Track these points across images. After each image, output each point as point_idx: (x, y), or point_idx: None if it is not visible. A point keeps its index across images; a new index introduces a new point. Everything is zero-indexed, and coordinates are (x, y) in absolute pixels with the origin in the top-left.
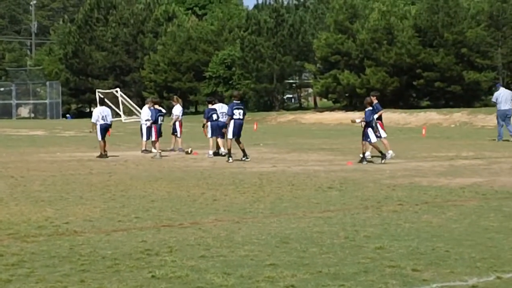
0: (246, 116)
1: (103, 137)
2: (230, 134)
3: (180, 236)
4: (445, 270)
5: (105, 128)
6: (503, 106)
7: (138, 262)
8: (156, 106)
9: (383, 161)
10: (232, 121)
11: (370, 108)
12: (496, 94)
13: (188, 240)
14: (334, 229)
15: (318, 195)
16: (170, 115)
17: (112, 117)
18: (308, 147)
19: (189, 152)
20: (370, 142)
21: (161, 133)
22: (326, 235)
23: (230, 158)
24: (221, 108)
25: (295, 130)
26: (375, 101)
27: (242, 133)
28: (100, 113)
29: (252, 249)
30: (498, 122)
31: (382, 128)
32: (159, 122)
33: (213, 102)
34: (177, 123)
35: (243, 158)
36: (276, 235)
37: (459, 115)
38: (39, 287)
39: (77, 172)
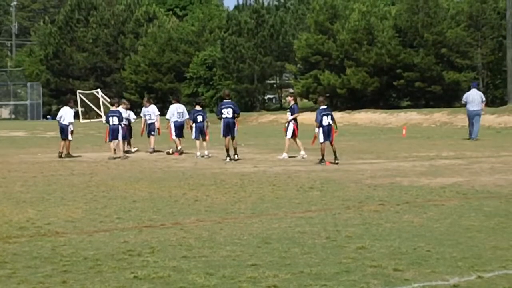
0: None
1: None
2: (221, 133)
3: (162, 237)
4: (427, 270)
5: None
6: (471, 106)
7: (120, 262)
8: (114, 107)
9: (281, 157)
10: (221, 121)
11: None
12: (466, 94)
13: (170, 240)
14: (315, 229)
15: (299, 195)
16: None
17: (94, 118)
18: (289, 147)
19: (170, 152)
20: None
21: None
22: (308, 235)
23: (228, 158)
24: (178, 108)
25: (276, 130)
26: (292, 102)
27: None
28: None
29: (234, 250)
30: (468, 122)
31: (296, 129)
32: (112, 123)
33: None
34: (156, 124)
35: (235, 157)
36: (258, 235)
37: (439, 115)
38: None
39: (58, 173)
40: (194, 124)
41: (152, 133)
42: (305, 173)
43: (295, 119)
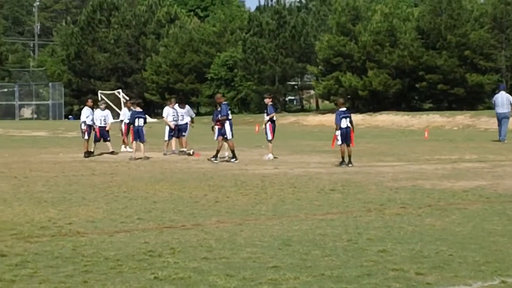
0: (248, 118)
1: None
2: (229, 135)
3: (183, 238)
4: (449, 274)
5: None
6: (499, 109)
7: (141, 263)
8: (138, 108)
9: (233, 160)
10: (227, 122)
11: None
12: (494, 96)
13: (191, 241)
14: (336, 232)
15: (320, 197)
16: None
17: (114, 119)
18: (310, 149)
19: (191, 153)
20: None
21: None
22: (329, 237)
23: (234, 159)
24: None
25: (297, 132)
26: (270, 103)
27: (244, 135)
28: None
29: (254, 251)
30: (498, 123)
31: (271, 131)
32: (137, 124)
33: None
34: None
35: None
36: (279, 237)
37: (462, 118)
38: None
39: (80, 173)
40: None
41: (184, 134)
42: (326, 175)
43: (271, 120)
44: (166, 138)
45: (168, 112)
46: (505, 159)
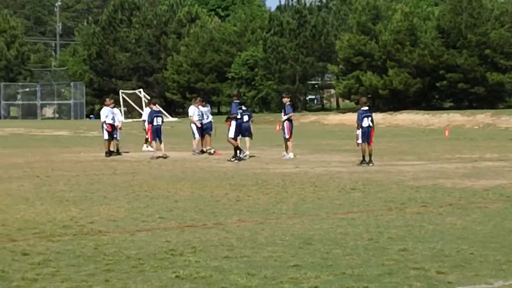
0: (268, 117)
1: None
2: (231, 134)
3: (204, 237)
4: (470, 273)
5: None
6: None
7: (162, 262)
8: (155, 107)
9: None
10: (234, 121)
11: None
12: None
13: (212, 240)
14: (357, 231)
15: (341, 196)
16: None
17: (136, 118)
18: (331, 148)
19: (212, 152)
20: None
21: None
22: (350, 236)
23: (243, 154)
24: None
25: (318, 131)
26: (288, 102)
27: (265, 134)
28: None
29: (275, 250)
30: None
31: (288, 129)
32: (156, 123)
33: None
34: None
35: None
36: (300, 236)
37: (483, 117)
38: (65, 286)
39: (101, 172)
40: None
41: (210, 132)
42: (347, 174)
43: (289, 119)
44: (197, 136)
45: (194, 111)
46: None
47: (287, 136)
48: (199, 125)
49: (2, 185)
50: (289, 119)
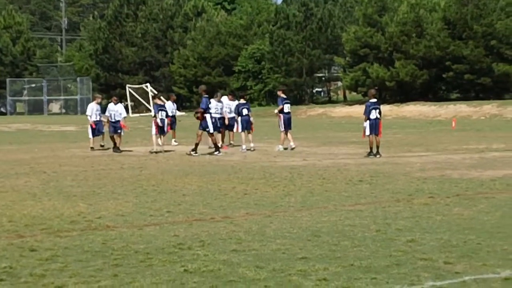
0: (275, 110)
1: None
2: (211, 129)
3: (212, 230)
4: (478, 263)
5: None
6: None
7: (171, 256)
8: (159, 101)
9: (216, 153)
10: (208, 115)
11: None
12: None
13: (220, 234)
14: (365, 222)
15: (349, 188)
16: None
17: (143, 112)
18: (338, 140)
19: (220, 146)
20: (208, 132)
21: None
22: (358, 228)
23: (218, 152)
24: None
25: (325, 123)
26: (282, 95)
27: (272, 127)
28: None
29: (283, 243)
30: None
31: (280, 122)
32: (160, 117)
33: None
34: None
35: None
36: (308, 228)
37: (489, 107)
38: (73, 282)
39: (109, 167)
40: (239, 118)
41: (233, 127)
42: (355, 166)
43: (281, 111)
44: (211, 131)
45: (211, 105)
46: None
47: (282, 129)
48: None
49: (9, 181)
50: (281, 112)
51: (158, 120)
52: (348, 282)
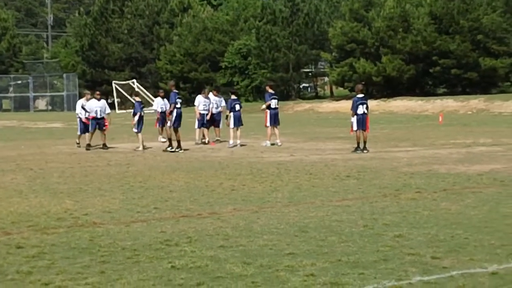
0: (262, 106)
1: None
2: (170, 123)
3: (199, 226)
4: (465, 257)
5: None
6: None
7: (158, 252)
8: (138, 98)
9: (169, 148)
10: (175, 110)
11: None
12: None
13: (207, 230)
14: (352, 218)
15: (336, 184)
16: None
17: (130, 108)
18: (325, 136)
19: (206, 142)
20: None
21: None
22: (345, 223)
23: (171, 147)
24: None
25: (312, 119)
26: (269, 91)
27: (259, 123)
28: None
29: (271, 239)
30: None
31: (266, 118)
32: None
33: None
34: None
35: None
36: (295, 224)
37: (476, 102)
38: (60, 279)
39: (95, 164)
40: (231, 113)
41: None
42: (342, 162)
43: (268, 107)
44: (196, 126)
45: (199, 101)
46: None
47: (267, 124)
48: (199, 116)
49: None
50: (269, 107)
51: (136, 118)
52: (335, 277)
